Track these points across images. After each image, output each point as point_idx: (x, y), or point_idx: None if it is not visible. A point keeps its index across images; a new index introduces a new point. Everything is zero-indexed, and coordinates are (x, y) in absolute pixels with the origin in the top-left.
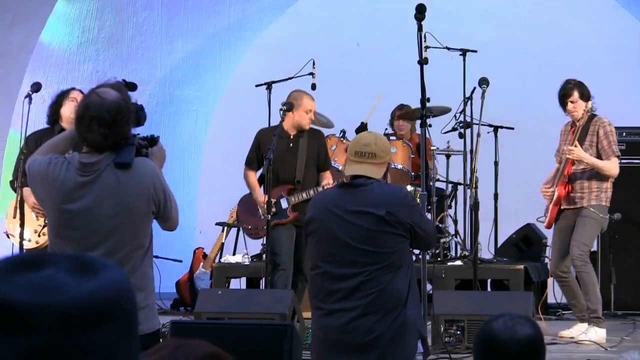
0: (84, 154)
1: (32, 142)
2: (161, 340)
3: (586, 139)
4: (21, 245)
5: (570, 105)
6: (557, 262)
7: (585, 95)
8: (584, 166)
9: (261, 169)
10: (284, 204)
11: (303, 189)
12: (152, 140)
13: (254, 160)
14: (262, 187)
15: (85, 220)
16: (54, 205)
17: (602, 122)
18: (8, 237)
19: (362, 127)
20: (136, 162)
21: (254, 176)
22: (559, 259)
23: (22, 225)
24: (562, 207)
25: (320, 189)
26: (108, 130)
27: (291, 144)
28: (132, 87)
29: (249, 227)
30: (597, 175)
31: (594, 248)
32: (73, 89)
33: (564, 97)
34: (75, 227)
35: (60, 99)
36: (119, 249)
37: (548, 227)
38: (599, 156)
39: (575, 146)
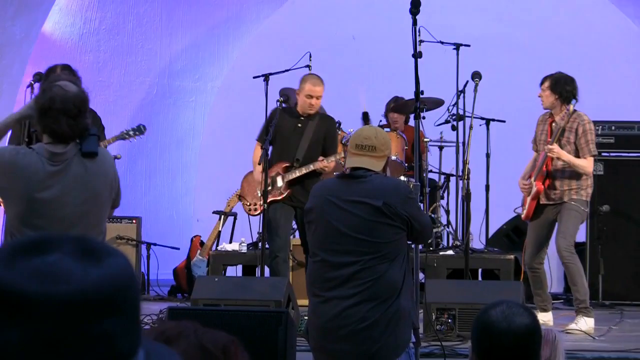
0: (49, 144)
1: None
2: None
3: (564, 135)
4: None
5: (540, 92)
6: (533, 255)
7: (558, 90)
8: (562, 163)
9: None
10: (279, 181)
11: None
12: None
13: (262, 137)
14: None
15: (54, 209)
16: (23, 194)
17: (581, 119)
18: None
19: (365, 116)
20: (99, 151)
21: (258, 153)
22: (535, 252)
23: None
24: (541, 203)
25: (311, 166)
26: (74, 121)
27: (299, 125)
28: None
29: (248, 202)
30: (576, 173)
31: (583, 239)
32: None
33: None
34: (43, 216)
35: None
36: None
37: (526, 219)
38: (576, 152)
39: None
